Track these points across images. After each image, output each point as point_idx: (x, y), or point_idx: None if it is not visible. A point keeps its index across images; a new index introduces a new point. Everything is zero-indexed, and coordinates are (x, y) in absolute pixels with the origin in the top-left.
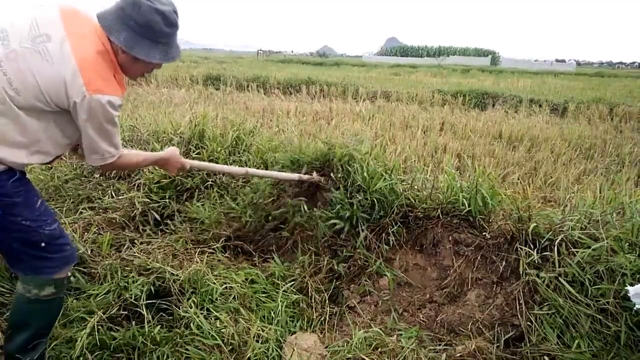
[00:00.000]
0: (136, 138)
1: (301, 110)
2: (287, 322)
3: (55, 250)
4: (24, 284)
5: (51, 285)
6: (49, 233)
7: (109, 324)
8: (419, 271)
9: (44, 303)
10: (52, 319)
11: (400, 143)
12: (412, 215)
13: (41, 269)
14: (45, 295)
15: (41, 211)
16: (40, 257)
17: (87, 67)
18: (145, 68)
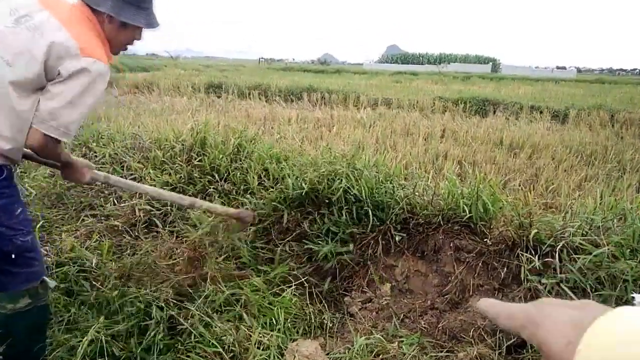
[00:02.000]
0: (138, 145)
1: (302, 117)
2: (289, 328)
3: (23, 264)
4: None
5: (25, 296)
6: (21, 244)
7: (110, 331)
8: (420, 278)
9: (25, 315)
10: (39, 328)
11: (402, 150)
12: (413, 222)
13: (9, 283)
14: (22, 307)
15: (19, 219)
16: (5, 270)
17: (78, 35)
18: (128, 37)
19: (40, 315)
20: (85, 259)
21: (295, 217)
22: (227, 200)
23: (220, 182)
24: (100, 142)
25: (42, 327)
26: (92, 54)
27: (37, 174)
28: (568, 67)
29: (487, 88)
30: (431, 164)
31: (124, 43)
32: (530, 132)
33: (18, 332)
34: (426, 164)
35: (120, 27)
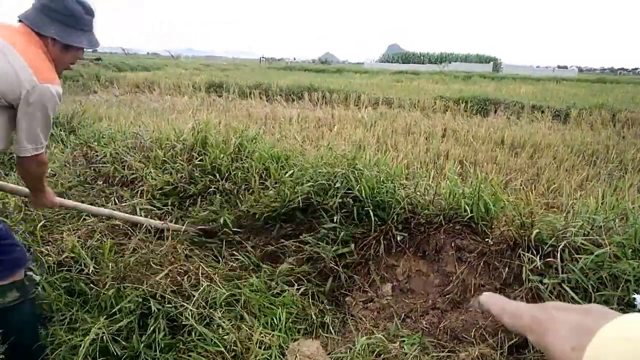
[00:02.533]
0: (139, 145)
1: (303, 116)
2: (290, 328)
3: (4, 252)
4: None
5: (12, 290)
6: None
7: (111, 330)
8: (422, 277)
9: (14, 310)
10: (32, 322)
11: (403, 150)
12: (414, 222)
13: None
14: (11, 301)
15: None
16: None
17: (32, 60)
18: (71, 58)
19: (31, 308)
20: (84, 259)
21: (295, 218)
22: (228, 199)
23: (222, 181)
24: (102, 142)
25: (34, 321)
26: (48, 80)
27: None
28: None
29: (488, 87)
30: (432, 164)
31: (68, 63)
32: (532, 132)
33: (12, 327)
34: (427, 164)
35: (63, 48)
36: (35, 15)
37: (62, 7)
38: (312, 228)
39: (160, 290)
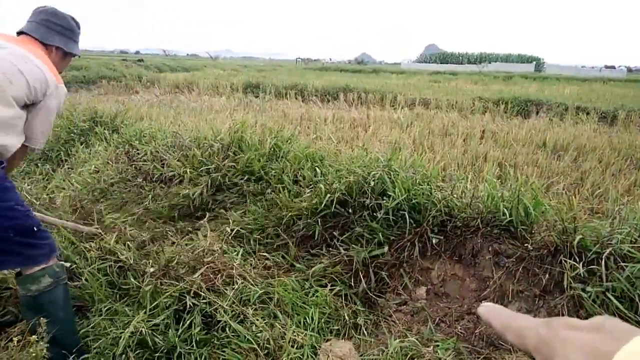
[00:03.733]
0: (178, 144)
1: (338, 117)
2: (322, 328)
3: (43, 237)
4: (21, 285)
5: (45, 276)
6: (35, 219)
7: (150, 324)
8: (457, 282)
9: (49, 294)
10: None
11: (440, 151)
12: (450, 225)
13: (34, 258)
14: (46, 286)
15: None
16: (34, 245)
17: (49, 64)
18: (66, 64)
19: (65, 295)
20: (122, 254)
21: (330, 218)
22: (262, 199)
23: (257, 181)
24: (143, 140)
25: (68, 307)
26: (61, 82)
27: (83, 170)
28: (617, 67)
29: (529, 88)
30: (470, 166)
31: (64, 68)
32: (576, 134)
33: (48, 312)
34: (465, 166)
35: (63, 56)
36: (40, 29)
37: (64, 23)
38: (346, 229)
39: (195, 287)
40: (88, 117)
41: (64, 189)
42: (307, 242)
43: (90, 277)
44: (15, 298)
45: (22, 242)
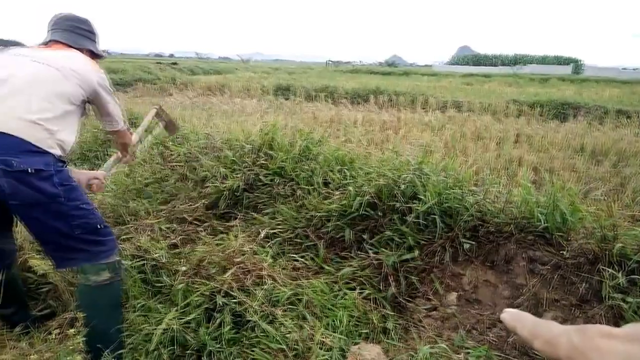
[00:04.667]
0: (210, 145)
1: (368, 119)
2: (351, 331)
3: (106, 233)
4: (82, 274)
5: (105, 270)
6: (99, 217)
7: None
8: (490, 288)
9: (104, 288)
10: (116, 303)
11: (472, 155)
12: (483, 230)
13: (98, 254)
14: (104, 280)
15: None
16: (98, 242)
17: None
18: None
19: (118, 292)
20: (155, 253)
21: (359, 221)
22: (292, 200)
23: (287, 182)
24: (176, 141)
25: (118, 303)
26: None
27: (118, 171)
28: None
29: (567, 91)
30: (504, 170)
31: None
32: (616, 138)
33: (100, 305)
34: (498, 170)
35: (91, 57)
36: (69, 35)
37: (88, 27)
38: (376, 232)
39: (226, 287)
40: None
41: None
42: (336, 245)
43: (126, 274)
44: (55, 292)
45: (87, 240)
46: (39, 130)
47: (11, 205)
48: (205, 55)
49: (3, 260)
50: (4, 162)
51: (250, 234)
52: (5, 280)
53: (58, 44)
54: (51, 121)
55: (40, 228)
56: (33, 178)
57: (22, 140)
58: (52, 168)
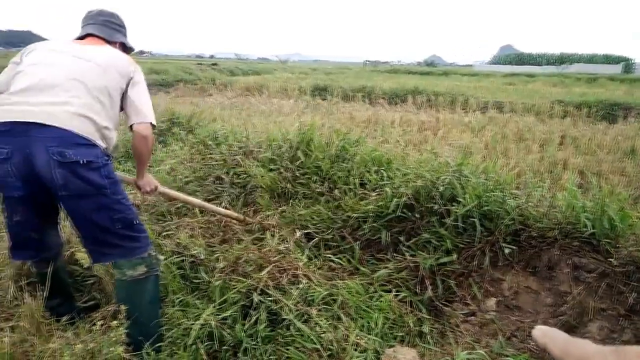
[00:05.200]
0: (249, 145)
1: (406, 120)
2: (386, 334)
3: (141, 230)
4: (118, 269)
5: (141, 264)
6: (135, 211)
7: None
8: (531, 295)
9: (140, 282)
10: (153, 297)
11: (514, 157)
12: (525, 235)
13: (133, 250)
14: (140, 274)
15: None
16: (133, 237)
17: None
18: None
19: (155, 286)
20: (193, 250)
21: (396, 223)
22: (328, 200)
23: (323, 182)
24: (216, 141)
25: (156, 298)
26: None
27: (160, 169)
28: None
29: (617, 91)
30: (547, 173)
31: None
32: None
33: (137, 299)
34: (542, 173)
35: (124, 50)
36: (104, 29)
37: (120, 22)
38: (413, 234)
39: (262, 284)
40: (166, 118)
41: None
42: (372, 246)
43: (166, 270)
44: (99, 285)
45: (124, 235)
46: (87, 124)
47: (60, 196)
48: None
49: (50, 252)
50: (59, 153)
51: (286, 234)
52: (52, 272)
53: (93, 37)
54: (97, 115)
55: (83, 220)
56: (84, 169)
57: (73, 134)
58: (101, 160)
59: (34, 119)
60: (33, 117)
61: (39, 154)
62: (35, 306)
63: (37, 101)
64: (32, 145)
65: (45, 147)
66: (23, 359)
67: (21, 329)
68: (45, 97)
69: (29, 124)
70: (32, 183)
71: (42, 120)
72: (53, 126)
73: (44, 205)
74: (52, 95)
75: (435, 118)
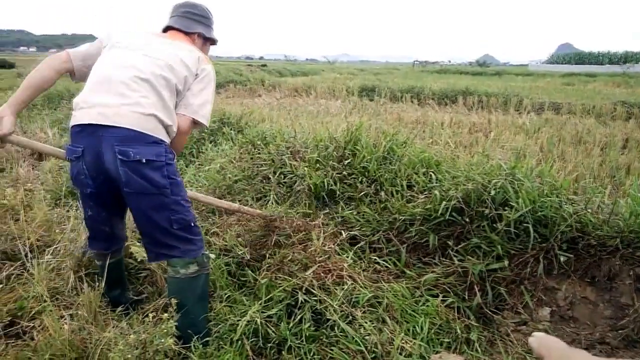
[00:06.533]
0: (297, 145)
1: (456, 121)
2: (432, 339)
3: (197, 232)
4: (172, 267)
5: (194, 264)
6: (193, 214)
7: (264, 316)
8: (588, 306)
9: (192, 280)
10: (203, 294)
11: (572, 160)
12: (582, 242)
13: (188, 252)
14: (192, 272)
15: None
16: (189, 240)
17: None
18: (207, 49)
19: (205, 283)
20: (240, 250)
21: (445, 226)
22: (375, 201)
23: (370, 184)
24: (264, 141)
25: (205, 294)
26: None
27: (210, 168)
28: None
29: None
30: (609, 178)
31: (206, 53)
32: None
33: (188, 295)
34: (602, 178)
35: (204, 41)
36: (182, 21)
37: (201, 12)
38: (462, 239)
39: (307, 284)
40: (217, 118)
41: (193, 184)
42: (419, 250)
43: (215, 267)
44: (152, 278)
45: (181, 237)
46: (154, 122)
47: (125, 192)
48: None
49: (117, 244)
50: (123, 153)
51: (332, 234)
52: (116, 264)
53: (173, 30)
54: (161, 112)
55: (143, 218)
56: (146, 168)
57: (139, 133)
58: (164, 159)
59: (105, 121)
60: (105, 120)
61: (107, 152)
62: (94, 296)
63: (108, 102)
64: (101, 144)
65: (111, 146)
66: (81, 346)
67: (80, 317)
68: (116, 99)
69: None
70: (102, 180)
71: (112, 122)
72: (120, 126)
73: (112, 201)
74: (122, 97)
75: (487, 119)
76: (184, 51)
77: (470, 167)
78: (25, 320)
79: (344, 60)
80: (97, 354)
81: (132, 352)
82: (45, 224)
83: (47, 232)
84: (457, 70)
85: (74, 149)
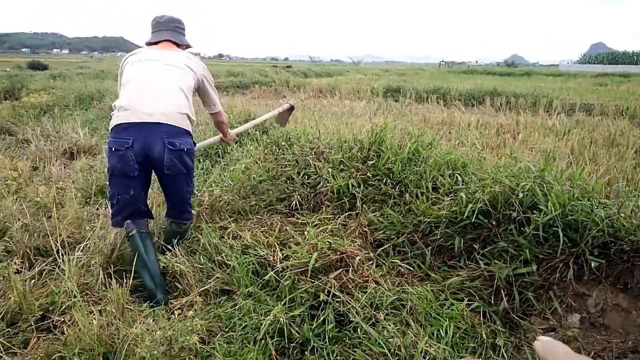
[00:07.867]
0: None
1: (483, 122)
2: (457, 344)
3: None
4: (171, 225)
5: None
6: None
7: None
8: (620, 313)
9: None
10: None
11: (604, 163)
12: (615, 248)
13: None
14: (180, 230)
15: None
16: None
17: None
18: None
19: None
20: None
21: (471, 229)
22: (400, 203)
23: (395, 186)
24: (288, 142)
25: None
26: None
27: (235, 168)
28: None
29: None
30: None
31: None
32: None
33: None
34: (636, 182)
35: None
36: (174, 34)
37: (183, 25)
38: (489, 242)
39: (329, 286)
40: (243, 118)
41: (219, 184)
42: (444, 253)
43: (238, 265)
44: (181, 276)
45: (188, 203)
46: (185, 118)
47: (165, 173)
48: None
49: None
50: (171, 143)
51: (356, 236)
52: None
53: (168, 42)
54: (189, 110)
55: (174, 190)
56: (185, 155)
57: (179, 128)
58: (192, 147)
59: (152, 119)
60: (152, 119)
61: (157, 143)
62: (122, 292)
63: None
64: (150, 136)
65: (161, 138)
66: (109, 341)
67: (108, 312)
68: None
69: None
70: (145, 164)
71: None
72: (167, 123)
73: (147, 180)
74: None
75: (515, 121)
76: (188, 59)
77: (497, 169)
78: (56, 314)
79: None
80: (124, 349)
81: (159, 348)
82: (76, 222)
83: (77, 229)
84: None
85: (124, 141)
